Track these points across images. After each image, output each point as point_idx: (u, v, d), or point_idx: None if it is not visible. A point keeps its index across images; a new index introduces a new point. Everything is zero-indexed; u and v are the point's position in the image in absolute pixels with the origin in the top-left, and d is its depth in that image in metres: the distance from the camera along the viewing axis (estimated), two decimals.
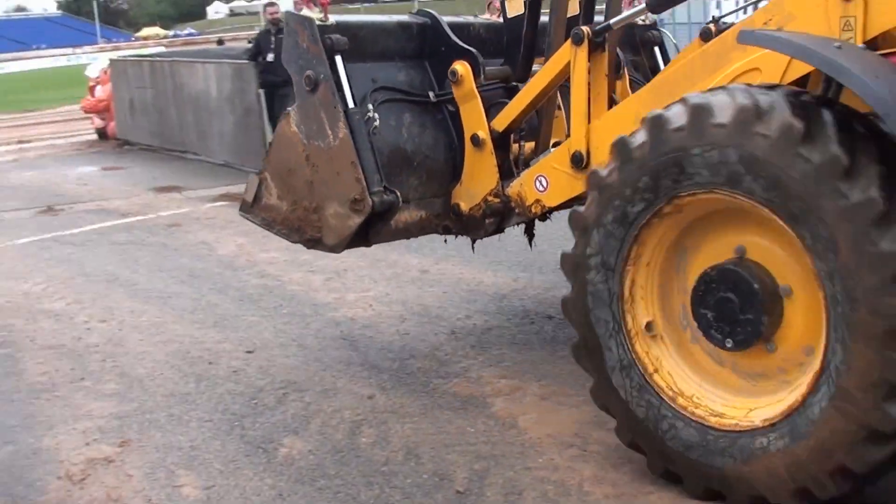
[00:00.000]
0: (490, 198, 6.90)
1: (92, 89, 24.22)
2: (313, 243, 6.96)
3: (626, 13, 6.50)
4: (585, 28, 6.24)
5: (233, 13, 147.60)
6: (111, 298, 9.52)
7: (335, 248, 6.88)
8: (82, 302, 9.46)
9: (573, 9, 6.85)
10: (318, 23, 6.61)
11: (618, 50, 7.02)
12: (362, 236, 6.76)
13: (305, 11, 6.74)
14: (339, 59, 6.61)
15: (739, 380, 5.07)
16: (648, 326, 5.24)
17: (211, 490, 5.47)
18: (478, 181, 6.96)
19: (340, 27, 6.70)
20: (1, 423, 6.66)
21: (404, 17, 7.50)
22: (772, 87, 4.75)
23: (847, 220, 4.23)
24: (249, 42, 19.53)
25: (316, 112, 6.70)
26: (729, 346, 4.95)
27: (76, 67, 63.12)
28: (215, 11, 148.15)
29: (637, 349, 5.22)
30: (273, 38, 16.98)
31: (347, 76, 6.62)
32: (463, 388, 6.73)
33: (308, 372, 7.19)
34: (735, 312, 4.86)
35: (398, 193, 6.58)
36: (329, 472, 5.58)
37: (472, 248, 7.77)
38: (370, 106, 6.68)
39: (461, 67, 6.86)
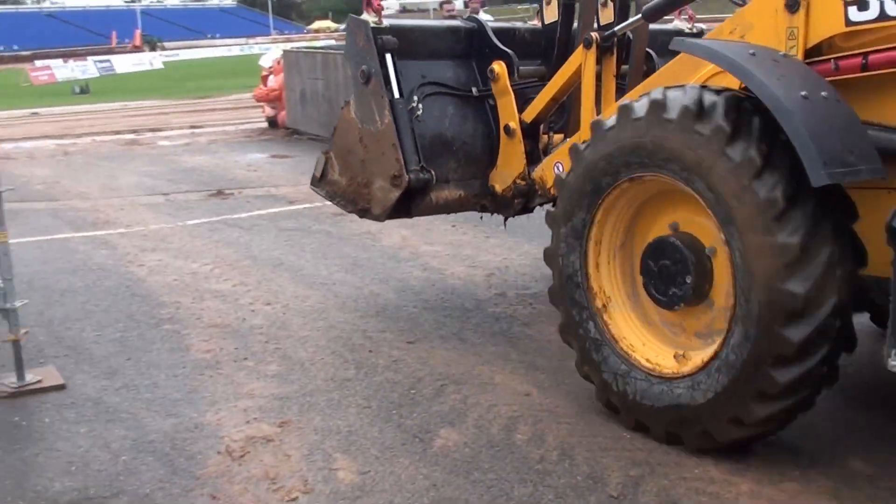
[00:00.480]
0: (518, 180, 8.02)
1: (264, 79, 24.62)
2: (364, 213, 8.24)
3: (625, 23, 7.55)
4: (595, 34, 7.35)
5: (404, 9, 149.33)
6: (276, 282, 9.71)
7: (379, 217, 8.14)
8: (248, 284, 9.67)
9: (607, 17, 7.79)
10: (372, 25, 7.78)
11: (653, 53, 8.14)
12: (404, 209, 7.98)
13: (364, 15, 7.88)
14: (388, 56, 7.77)
15: (684, 336, 5.98)
16: (607, 291, 6.24)
17: (366, 475, 5.53)
18: (509, 166, 8.12)
19: (393, 29, 7.91)
20: (165, 396, 6.84)
21: (454, 22, 8.89)
22: (720, 91, 5.47)
23: (751, 209, 5.10)
24: None
25: (368, 101, 7.91)
26: (672, 305, 5.84)
27: (249, 57, 64.75)
28: (387, 6, 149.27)
29: (598, 306, 6.21)
30: None
31: (398, 71, 7.79)
32: None
33: (466, 365, 7.21)
34: (673, 276, 5.74)
35: (433, 173, 7.81)
36: (483, 466, 5.60)
37: (504, 225, 8.87)
38: (415, 97, 7.92)
39: (498, 67, 8.05)
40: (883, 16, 5.22)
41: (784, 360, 5.11)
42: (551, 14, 8.34)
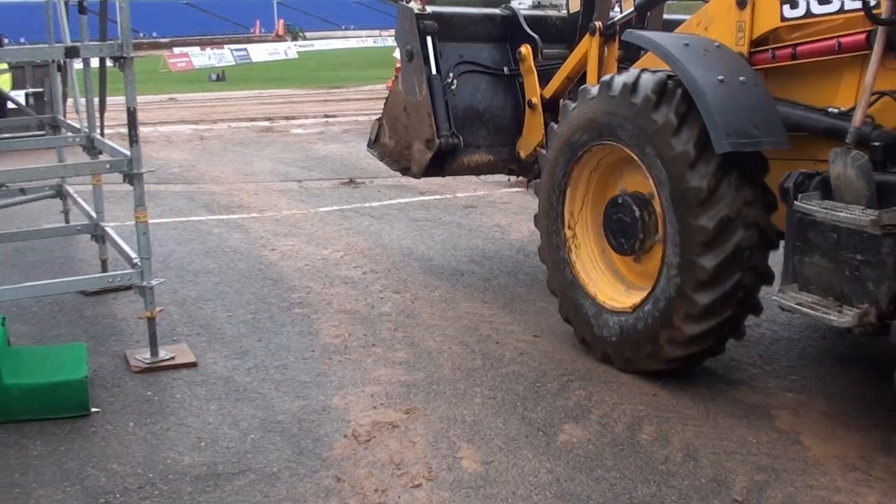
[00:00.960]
0: (538, 148, 8.89)
1: (398, 71, 24.73)
2: (405, 171, 9.75)
3: (623, 13, 8.56)
4: (598, 23, 8.41)
5: (539, 4, 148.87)
6: (406, 271, 9.79)
7: (417, 175, 9.55)
8: (378, 272, 9.76)
9: (629, 6, 8.73)
10: (416, 11, 9.18)
11: None
12: (438, 168, 9.36)
13: (411, 3, 9.30)
14: (429, 39, 9.13)
15: (634, 276, 7.24)
16: (577, 237, 7.52)
17: (489, 465, 5.55)
18: (531, 135, 9.32)
19: (435, 15, 9.25)
20: (294, 378, 6.95)
21: (491, 10, 9.92)
22: (655, 72, 6.70)
23: (670, 161, 6.37)
24: None
25: (410, 76, 9.36)
26: (624, 251, 7.12)
27: (383, 49, 65.25)
28: (518, 2, 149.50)
29: (572, 257, 7.50)
30: None
31: (438, 52, 9.15)
32: (747, 396, 6.59)
33: (592, 362, 7.17)
34: (625, 228, 6.98)
35: (461, 139, 9.14)
36: (607, 464, 5.57)
37: (528, 186, 10.47)
38: (451, 74, 9.24)
39: (525, 49, 9.38)
40: (808, 13, 6.43)
41: (702, 284, 6.24)
42: (575, 4, 9.47)
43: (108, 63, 8.11)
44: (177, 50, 70.34)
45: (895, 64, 5.89)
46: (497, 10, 9.86)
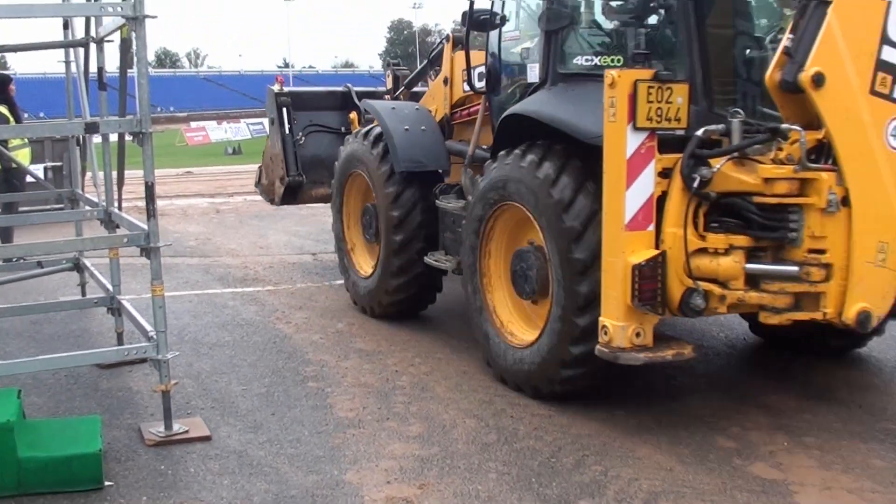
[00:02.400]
0: None
1: None
2: (272, 202, 14.07)
3: (398, 89, 12.99)
4: (387, 95, 13.07)
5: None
6: (420, 343, 9.79)
7: (277, 203, 13.92)
8: (392, 344, 9.77)
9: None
10: (276, 91, 13.40)
11: None
12: (292, 198, 13.60)
13: (274, 86, 13.48)
14: (284, 109, 13.33)
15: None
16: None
17: None
18: None
19: (289, 93, 13.51)
20: (308, 452, 6.93)
21: (333, 88, 14.36)
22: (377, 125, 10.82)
23: (377, 177, 10.36)
24: None
25: (273, 135, 13.61)
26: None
27: None
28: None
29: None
30: None
31: (292, 117, 13.35)
32: (766, 471, 6.53)
33: (609, 437, 7.13)
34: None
35: (304, 177, 13.23)
36: None
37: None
38: (300, 133, 13.39)
39: (352, 115, 13.28)
40: (471, 89, 10.05)
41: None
42: (389, 81, 13.23)
43: (127, 137, 8.18)
44: (194, 124, 71.02)
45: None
46: (338, 88, 14.23)
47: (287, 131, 13.20)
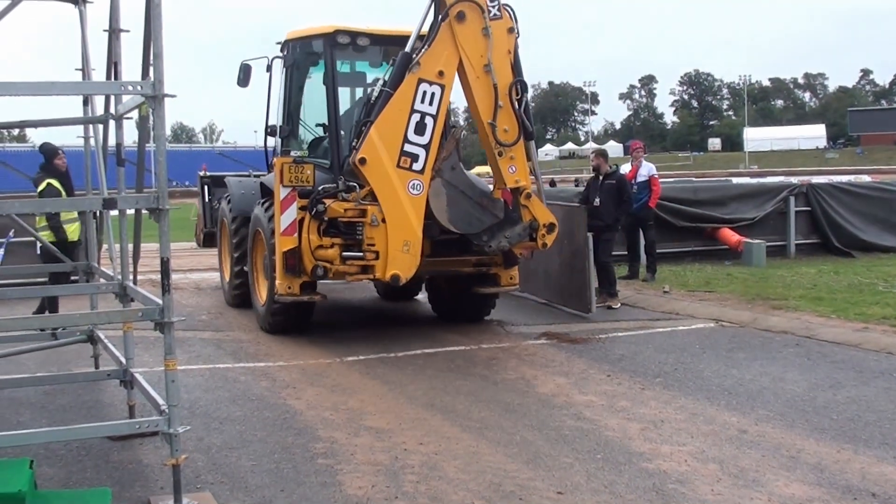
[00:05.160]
0: None
1: None
2: (199, 246, 21.58)
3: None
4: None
5: (561, 156, 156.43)
6: (430, 423, 9.77)
7: (201, 246, 21.25)
8: (402, 422, 9.76)
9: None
10: (200, 174, 20.85)
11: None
12: (209, 244, 20.11)
13: (201, 171, 22.29)
14: (205, 187, 20.16)
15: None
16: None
17: None
18: None
19: (209, 176, 20.61)
20: None
21: (245, 172, 22.75)
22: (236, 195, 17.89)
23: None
24: (576, 184, 19.97)
25: (199, 202, 21.05)
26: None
27: None
28: (545, 154, 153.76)
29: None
30: (599, 184, 17.45)
31: (212, 192, 20.07)
32: None
33: None
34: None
35: (216, 230, 19.14)
36: None
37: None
38: (217, 202, 19.13)
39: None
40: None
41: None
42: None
43: (143, 211, 8.29)
44: None
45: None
46: (250, 171, 21.61)
47: (206, 200, 20.12)
